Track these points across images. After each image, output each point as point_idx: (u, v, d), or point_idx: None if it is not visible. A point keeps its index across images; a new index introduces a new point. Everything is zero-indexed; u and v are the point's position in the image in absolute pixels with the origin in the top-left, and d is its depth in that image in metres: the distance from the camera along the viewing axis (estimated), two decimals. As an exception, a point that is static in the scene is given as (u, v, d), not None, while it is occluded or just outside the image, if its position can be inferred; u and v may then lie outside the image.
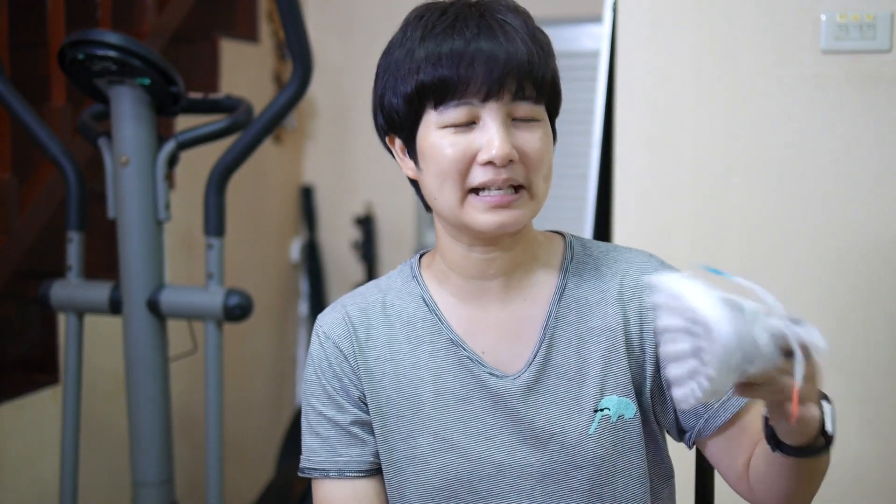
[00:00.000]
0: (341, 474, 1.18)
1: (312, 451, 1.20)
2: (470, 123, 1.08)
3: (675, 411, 1.18)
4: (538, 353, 1.15)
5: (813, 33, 1.86)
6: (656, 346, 1.14)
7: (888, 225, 1.87)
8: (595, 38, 2.23)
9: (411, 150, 1.13)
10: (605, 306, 1.16)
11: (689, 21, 1.92)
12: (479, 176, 1.08)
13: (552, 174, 1.13)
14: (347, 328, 1.19)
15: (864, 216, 1.87)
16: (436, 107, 1.09)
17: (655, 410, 1.18)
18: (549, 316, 1.16)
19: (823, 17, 1.85)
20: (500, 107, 1.07)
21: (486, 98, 1.07)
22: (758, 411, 1.14)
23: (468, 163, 1.08)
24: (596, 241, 1.24)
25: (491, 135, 1.07)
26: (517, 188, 1.09)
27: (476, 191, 1.09)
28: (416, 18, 1.12)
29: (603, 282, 1.18)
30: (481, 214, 1.09)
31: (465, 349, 1.16)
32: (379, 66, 1.15)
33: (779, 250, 1.92)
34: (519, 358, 1.16)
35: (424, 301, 1.19)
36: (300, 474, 1.21)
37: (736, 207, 1.93)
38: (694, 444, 1.20)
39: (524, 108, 1.08)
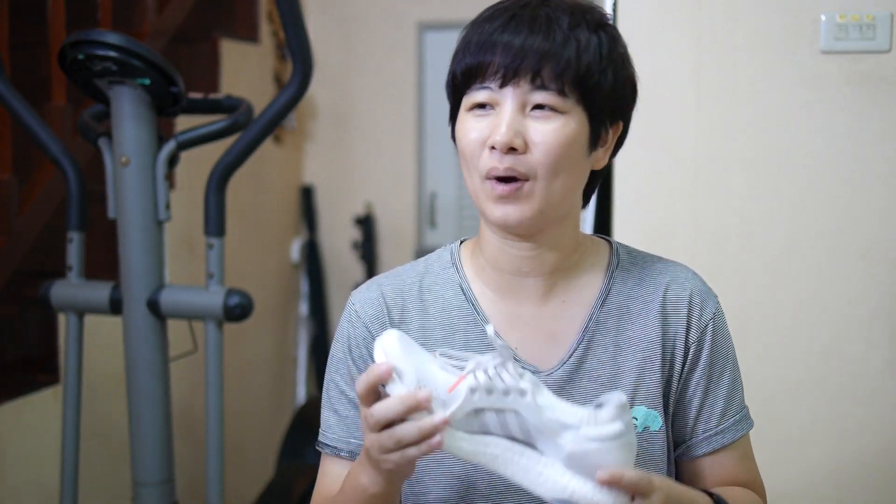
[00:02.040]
0: (353, 456, 1.17)
1: (328, 428, 1.20)
2: (490, 108, 1.09)
3: (672, 428, 1.20)
4: (573, 355, 1.15)
5: (812, 33, 1.86)
6: (685, 363, 1.16)
7: (888, 224, 1.87)
8: (595, 38, 2.24)
9: (454, 135, 1.16)
10: (645, 317, 1.16)
11: (689, 21, 1.92)
12: (486, 161, 1.09)
13: (573, 172, 1.10)
14: (381, 309, 1.18)
15: (865, 215, 1.88)
16: (465, 91, 1.11)
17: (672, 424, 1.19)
18: (590, 320, 1.16)
19: (823, 18, 1.85)
20: (517, 94, 1.07)
21: (503, 83, 1.08)
22: (715, 462, 1.19)
23: (482, 147, 1.09)
24: (641, 250, 1.23)
25: (499, 120, 1.08)
26: (522, 180, 1.08)
27: (489, 178, 1.09)
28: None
29: (646, 292, 1.17)
30: (491, 203, 1.09)
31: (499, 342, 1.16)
32: None
33: (778, 250, 1.92)
34: (552, 357, 1.16)
35: (462, 290, 1.18)
36: (316, 447, 1.21)
37: (736, 207, 1.93)
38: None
39: (542, 97, 1.07)
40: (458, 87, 1.13)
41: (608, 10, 2.06)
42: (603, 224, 2.09)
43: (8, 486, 2.24)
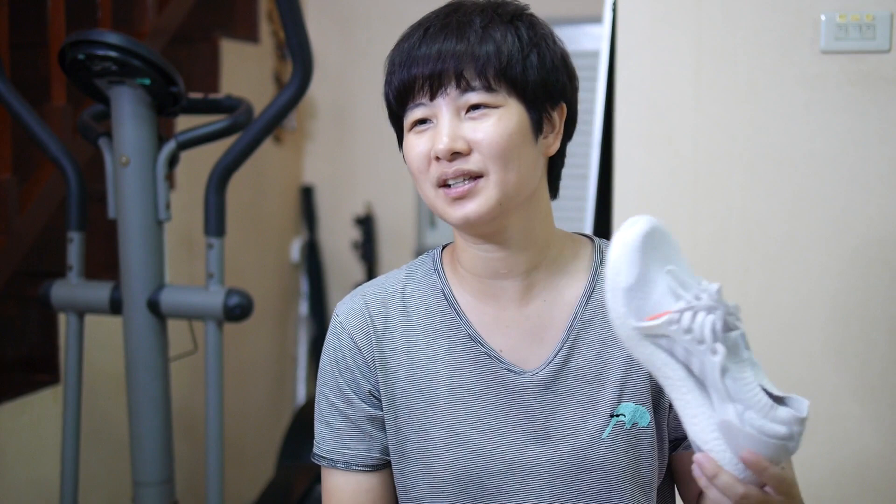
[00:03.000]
0: (348, 467, 1.19)
1: (322, 440, 1.21)
2: (430, 122, 1.11)
3: (670, 426, 1.19)
4: (559, 353, 1.15)
5: (813, 33, 1.86)
6: None
7: (889, 224, 1.87)
8: (595, 38, 2.23)
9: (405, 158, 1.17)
10: None
11: (689, 21, 1.92)
12: (434, 171, 1.10)
13: (523, 161, 1.11)
14: (364, 319, 1.20)
15: (865, 216, 1.88)
16: (403, 114, 1.14)
17: (669, 421, 1.19)
18: (575, 318, 1.16)
19: (823, 18, 1.85)
20: (449, 101, 1.10)
21: (432, 95, 1.10)
22: None
23: (428, 160, 1.11)
24: None
25: (438, 130, 1.10)
26: (475, 178, 1.09)
27: (442, 185, 1.11)
28: None
29: None
30: (448, 208, 1.11)
31: (483, 345, 1.16)
32: None
33: (778, 250, 1.92)
34: (538, 357, 1.16)
35: (444, 295, 1.19)
36: (312, 459, 1.22)
37: (736, 207, 1.93)
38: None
39: (472, 97, 1.09)
40: (395, 111, 1.15)
41: (608, 10, 2.06)
42: (603, 224, 2.09)
43: (8, 485, 2.24)
